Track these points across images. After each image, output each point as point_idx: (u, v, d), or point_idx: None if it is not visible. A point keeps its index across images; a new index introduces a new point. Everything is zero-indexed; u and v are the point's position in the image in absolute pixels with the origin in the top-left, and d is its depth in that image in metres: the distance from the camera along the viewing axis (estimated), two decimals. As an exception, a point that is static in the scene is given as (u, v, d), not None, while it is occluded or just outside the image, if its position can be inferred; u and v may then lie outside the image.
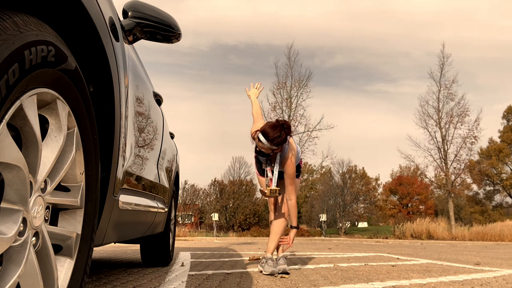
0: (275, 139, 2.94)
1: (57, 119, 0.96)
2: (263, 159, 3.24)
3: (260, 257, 3.95)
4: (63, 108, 0.97)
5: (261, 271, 3.11)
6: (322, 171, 31.06)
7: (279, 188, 3.19)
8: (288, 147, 3.16)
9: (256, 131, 3.06)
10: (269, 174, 3.21)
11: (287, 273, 3.01)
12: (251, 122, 3.45)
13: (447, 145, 22.54)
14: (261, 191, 3.27)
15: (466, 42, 47.22)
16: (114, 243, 3.80)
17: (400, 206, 34.86)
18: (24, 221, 0.82)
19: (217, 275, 2.88)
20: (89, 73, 1.26)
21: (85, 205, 1.11)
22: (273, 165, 3.20)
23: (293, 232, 3.27)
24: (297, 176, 3.37)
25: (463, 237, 18.01)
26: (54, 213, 1.05)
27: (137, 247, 6.54)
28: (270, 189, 3.16)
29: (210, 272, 3.06)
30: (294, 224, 3.27)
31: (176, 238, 13.88)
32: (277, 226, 3.32)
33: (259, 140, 2.99)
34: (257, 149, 3.13)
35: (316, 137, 23.43)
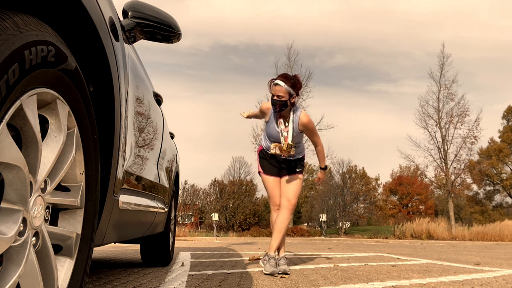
0: (289, 78, 3.28)
1: (57, 119, 0.96)
2: (276, 116, 3.39)
3: (261, 257, 3.94)
4: (63, 108, 0.97)
5: (262, 270, 3.13)
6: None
7: (294, 144, 3.35)
8: (300, 111, 3.40)
9: (271, 79, 3.35)
10: (284, 132, 3.35)
11: (287, 274, 3.01)
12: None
13: (447, 145, 22.55)
14: (278, 148, 3.37)
15: (466, 42, 47.24)
16: (114, 243, 3.80)
17: (400, 206, 34.86)
18: (24, 221, 0.82)
19: (217, 275, 2.88)
20: (89, 73, 1.26)
21: (85, 205, 1.11)
22: (286, 124, 3.38)
23: (322, 172, 3.67)
24: (301, 172, 3.53)
25: (463, 237, 18.01)
26: (54, 213, 1.05)
27: (137, 247, 6.54)
28: (288, 144, 3.30)
29: (210, 272, 3.07)
30: (323, 165, 3.63)
31: (176, 238, 13.88)
32: (280, 224, 3.37)
33: (275, 84, 3.27)
34: (273, 97, 3.27)
35: (316, 137, 23.41)
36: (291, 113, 3.36)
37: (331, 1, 49.38)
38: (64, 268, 1.03)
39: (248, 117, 3.86)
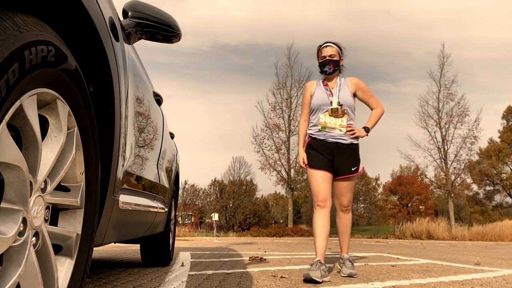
0: (334, 42, 3.22)
1: (57, 119, 0.96)
2: (322, 86, 3.21)
3: (259, 257, 3.94)
4: (63, 108, 0.97)
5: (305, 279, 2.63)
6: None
7: (341, 107, 3.08)
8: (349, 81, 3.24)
9: (318, 46, 3.27)
10: (331, 98, 3.13)
11: (353, 277, 2.88)
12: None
13: (447, 145, 22.56)
14: (328, 115, 3.09)
15: (466, 42, 47.23)
16: (114, 243, 3.80)
17: (400, 206, 34.87)
18: (24, 221, 0.82)
19: (217, 275, 2.88)
20: (89, 73, 1.26)
21: (85, 205, 1.11)
22: (334, 91, 3.17)
23: (361, 131, 3.16)
24: (356, 171, 3.16)
25: (463, 237, 18.01)
26: (54, 213, 1.05)
27: (137, 247, 6.54)
28: (331, 108, 3.08)
29: (210, 272, 3.06)
30: (368, 125, 3.23)
31: (176, 238, 13.88)
32: (344, 228, 3.22)
33: (325, 46, 3.20)
34: (326, 58, 3.16)
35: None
36: (338, 78, 3.22)
37: (332, 1, 49.40)
38: (64, 268, 1.03)
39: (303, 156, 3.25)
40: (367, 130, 3.18)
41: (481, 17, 49.13)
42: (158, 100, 2.73)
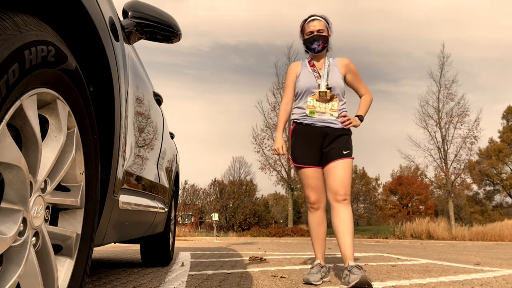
0: (321, 16, 2.85)
1: (57, 119, 0.96)
2: (309, 66, 2.84)
3: (259, 257, 3.93)
4: (63, 108, 0.97)
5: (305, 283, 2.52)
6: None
7: (329, 91, 2.72)
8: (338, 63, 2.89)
9: (303, 20, 2.90)
10: (319, 80, 2.77)
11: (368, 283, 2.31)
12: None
13: (447, 145, 22.57)
14: (316, 99, 2.73)
15: (467, 42, 47.23)
16: (114, 243, 3.80)
17: (400, 206, 34.87)
18: (24, 221, 0.82)
19: (217, 275, 2.88)
20: (89, 73, 1.26)
21: (85, 205, 1.11)
22: (322, 72, 2.80)
23: (356, 119, 2.81)
24: (349, 155, 2.73)
25: (463, 237, 18.01)
26: (54, 213, 1.05)
27: (137, 247, 6.54)
28: (319, 92, 2.72)
29: (210, 272, 3.06)
30: (361, 112, 2.87)
31: (176, 238, 13.89)
32: (344, 225, 2.63)
33: (312, 19, 2.83)
34: (314, 34, 2.78)
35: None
36: (326, 58, 2.86)
37: (332, 1, 49.39)
38: (64, 268, 1.03)
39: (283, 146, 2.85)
40: (361, 118, 2.84)
41: (481, 17, 49.15)
42: (158, 100, 2.73)
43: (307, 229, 20.86)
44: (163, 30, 1.97)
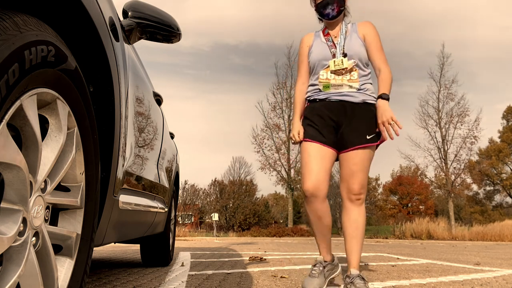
0: None
1: (57, 119, 0.96)
2: (322, 35, 2.42)
3: (259, 257, 3.91)
4: (63, 108, 0.97)
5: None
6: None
7: (347, 60, 2.27)
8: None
9: None
10: (333, 49, 2.33)
11: None
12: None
13: (447, 145, 22.58)
14: (331, 71, 2.29)
15: (467, 42, 47.24)
16: (114, 243, 3.80)
17: (400, 206, 34.87)
18: (24, 221, 0.82)
19: (217, 275, 2.88)
20: (89, 73, 1.26)
21: (85, 205, 1.11)
22: (338, 40, 2.36)
23: (382, 102, 2.21)
24: (374, 140, 2.26)
25: (463, 237, 18.01)
26: (54, 213, 1.05)
27: (137, 247, 6.54)
28: (334, 61, 2.28)
29: (210, 272, 3.06)
30: (384, 90, 2.25)
31: (176, 238, 13.89)
32: (356, 229, 2.28)
33: None
34: (319, 2, 2.37)
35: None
36: (343, 24, 2.41)
37: (331, 1, 49.32)
38: (64, 268, 1.03)
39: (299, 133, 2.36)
40: (386, 97, 2.23)
41: (482, 17, 49.16)
42: (158, 100, 2.73)
43: (307, 229, 20.89)
44: (163, 30, 1.97)
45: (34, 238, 0.87)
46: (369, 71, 2.36)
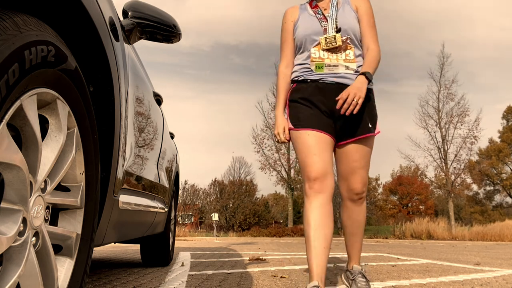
0: None
1: (57, 119, 0.96)
2: (309, 9, 2.12)
3: (259, 257, 3.89)
4: (63, 108, 0.97)
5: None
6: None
7: (340, 36, 1.98)
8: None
9: None
10: (324, 23, 2.04)
11: None
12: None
13: (447, 145, 22.58)
14: (322, 48, 2.00)
15: (467, 42, 47.27)
16: (114, 243, 3.80)
17: (400, 206, 34.87)
18: (24, 221, 0.82)
19: (217, 275, 2.88)
20: (89, 73, 1.26)
21: (85, 205, 1.11)
22: (329, 13, 2.06)
23: (361, 78, 1.91)
24: (373, 129, 2.03)
25: (463, 237, 18.01)
26: (54, 213, 1.05)
27: (137, 247, 6.54)
28: (325, 38, 1.98)
29: (210, 272, 3.06)
30: (367, 69, 1.96)
31: (176, 238, 13.89)
32: (357, 227, 2.14)
33: None
34: None
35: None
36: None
37: (331, 1, 49.36)
38: (64, 268, 1.03)
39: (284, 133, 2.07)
40: (368, 76, 1.93)
41: (482, 17, 49.19)
42: (158, 100, 2.73)
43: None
44: (163, 30, 1.97)
45: (34, 238, 0.87)
46: (360, 49, 2.10)
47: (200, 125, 54.71)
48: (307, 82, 2.02)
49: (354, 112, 1.85)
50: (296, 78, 2.07)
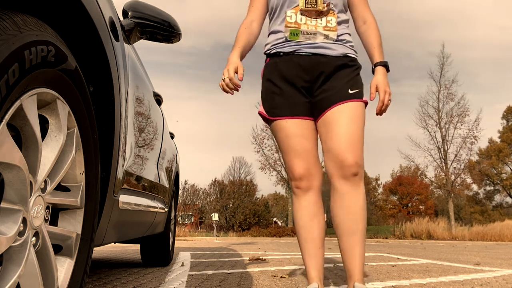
0: None
1: (57, 119, 0.96)
2: None
3: (259, 257, 3.88)
4: (63, 108, 0.97)
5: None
6: (322, 171, 31.09)
7: (319, 6, 1.69)
8: None
9: None
10: None
11: None
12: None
13: (447, 145, 22.58)
14: (300, 12, 1.71)
15: (467, 42, 47.27)
16: (114, 243, 3.80)
17: (400, 206, 34.89)
18: (24, 221, 0.82)
19: (217, 275, 2.88)
20: (89, 73, 1.26)
21: (85, 205, 1.11)
22: None
23: (380, 72, 1.74)
24: (360, 96, 1.72)
25: (463, 237, 18.01)
26: (54, 213, 1.05)
27: (137, 247, 6.54)
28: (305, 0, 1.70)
29: (210, 272, 3.06)
30: (379, 58, 1.77)
31: (176, 238, 13.88)
32: (352, 221, 1.64)
33: None
34: None
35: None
36: None
37: (331, 1, 49.35)
38: (64, 268, 1.03)
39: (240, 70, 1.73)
40: (386, 65, 1.76)
41: (482, 17, 49.19)
42: (158, 100, 2.73)
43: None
44: (163, 30, 1.97)
45: (34, 238, 0.87)
46: (348, 18, 1.83)
47: (200, 125, 54.76)
48: (280, 56, 1.76)
49: (384, 109, 1.73)
50: (269, 51, 1.82)
